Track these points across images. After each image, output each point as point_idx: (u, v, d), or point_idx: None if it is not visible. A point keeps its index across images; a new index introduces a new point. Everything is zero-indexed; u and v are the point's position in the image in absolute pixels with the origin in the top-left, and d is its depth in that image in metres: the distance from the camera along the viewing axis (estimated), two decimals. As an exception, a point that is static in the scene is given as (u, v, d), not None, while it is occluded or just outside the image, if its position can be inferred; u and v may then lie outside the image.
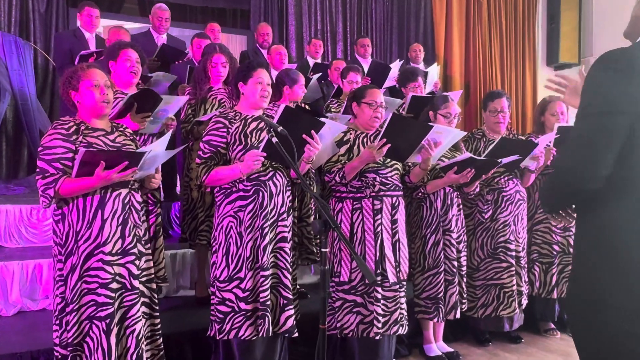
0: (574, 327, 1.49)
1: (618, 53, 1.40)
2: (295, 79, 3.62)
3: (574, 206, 1.58)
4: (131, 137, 2.47)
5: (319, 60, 5.79)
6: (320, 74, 4.73)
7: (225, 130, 2.61)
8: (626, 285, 1.33)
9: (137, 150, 2.23)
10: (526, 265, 3.59)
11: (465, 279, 3.32)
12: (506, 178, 3.48)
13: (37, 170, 2.22)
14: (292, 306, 2.63)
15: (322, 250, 1.74)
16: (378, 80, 4.82)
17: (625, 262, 1.34)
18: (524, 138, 3.60)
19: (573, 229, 3.53)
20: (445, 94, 3.92)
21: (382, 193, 2.85)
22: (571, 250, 3.63)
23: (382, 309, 2.82)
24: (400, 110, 4.16)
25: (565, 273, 3.64)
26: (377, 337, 2.79)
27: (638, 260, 1.33)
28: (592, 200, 1.41)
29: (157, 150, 2.29)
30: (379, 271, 2.80)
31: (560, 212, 1.63)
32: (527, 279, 3.58)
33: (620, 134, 1.35)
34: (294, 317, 2.64)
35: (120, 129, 2.46)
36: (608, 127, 1.35)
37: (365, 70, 5.17)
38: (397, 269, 2.87)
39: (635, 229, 1.35)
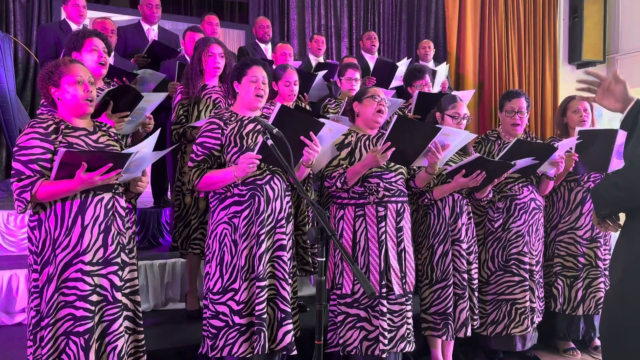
0: (608, 343, 1.46)
1: None
2: (279, 74, 3.60)
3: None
4: (115, 138, 2.47)
5: (321, 59, 5.78)
6: (326, 70, 4.70)
7: (220, 131, 2.60)
8: None
9: (123, 152, 2.22)
10: (541, 280, 3.56)
11: (476, 294, 3.29)
12: (520, 185, 3.44)
13: (13, 172, 2.20)
14: (290, 320, 2.61)
15: (319, 259, 1.73)
16: (384, 80, 4.81)
17: None
18: (542, 141, 3.57)
19: (601, 240, 3.55)
20: (454, 93, 3.89)
21: (386, 199, 2.83)
22: (599, 263, 3.60)
23: (388, 324, 2.80)
24: (407, 112, 4.14)
25: (593, 288, 3.60)
26: (384, 355, 2.77)
27: None
28: None
29: (145, 152, 2.28)
30: (383, 283, 2.79)
31: (616, 219, 1.61)
32: (541, 295, 3.55)
33: None
34: (292, 332, 2.62)
35: (104, 128, 2.46)
36: None
37: (371, 67, 5.16)
38: (403, 280, 2.85)
39: None
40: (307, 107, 4.06)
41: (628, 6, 7.88)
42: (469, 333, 3.20)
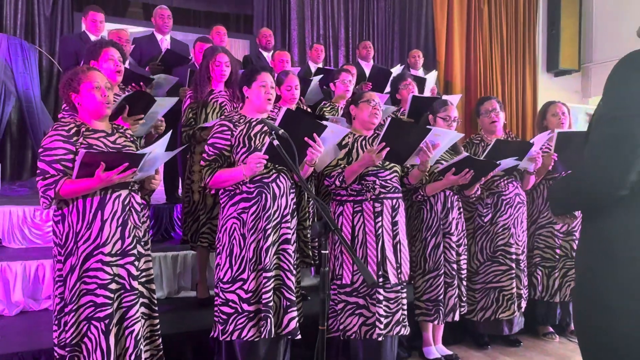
0: (579, 330, 1.45)
1: None
2: (281, 80, 3.58)
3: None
4: (132, 139, 2.45)
5: (320, 65, 5.76)
6: (321, 75, 4.68)
7: (230, 133, 2.59)
8: (631, 289, 1.30)
9: (138, 152, 2.21)
10: (526, 269, 3.55)
11: (465, 282, 3.28)
12: (506, 181, 3.44)
13: (38, 171, 2.19)
14: (295, 308, 2.60)
15: (322, 252, 1.72)
16: (379, 85, 4.79)
17: (633, 268, 1.31)
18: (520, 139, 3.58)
19: (576, 233, 3.55)
20: (444, 97, 3.89)
21: (382, 195, 2.82)
22: (574, 254, 3.59)
23: (384, 310, 2.79)
24: (399, 115, 4.13)
25: (568, 277, 3.60)
26: (380, 339, 2.77)
27: None
28: (609, 205, 1.36)
29: (157, 152, 2.27)
30: (380, 273, 2.78)
31: (574, 215, 1.60)
32: (526, 283, 3.55)
33: None
34: (296, 319, 2.61)
35: (121, 130, 2.44)
36: (635, 130, 1.29)
37: (367, 74, 5.15)
38: (399, 271, 2.84)
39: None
40: (308, 109, 4.04)
41: (601, 20, 7.90)
42: (456, 318, 3.20)
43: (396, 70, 5.11)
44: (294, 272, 2.64)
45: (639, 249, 1.32)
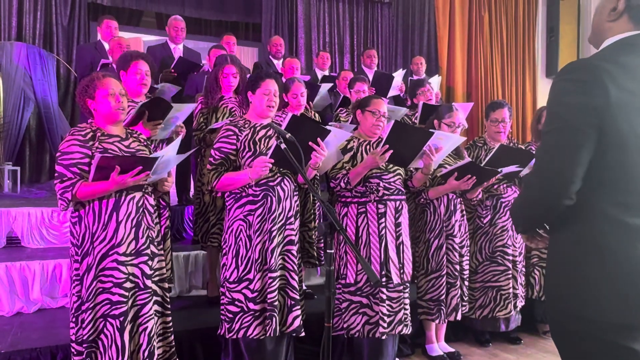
0: (555, 336, 1.44)
1: (579, 64, 1.33)
2: (288, 87, 3.58)
3: (547, 227, 1.50)
4: (145, 143, 2.47)
5: (326, 72, 5.77)
6: (331, 84, 4.71)
7: (235, 137, 2.60)
8: (599, 298, 1.29)
9: (151, 156, 2.23)
10: (523, 269, 3.55)
11: (466, 282, 3.28)
12: (505, 185, 3.45)
13: (56, 174, 2.22)
14: (299, 307, 2.61)
15: (328, 251, 1.73)
16: (382, 90, 4.80)
17: (596, 278, 1.30)
18: (523, 147, 3.55)
19: None
20: (454, 104, 3.88)
21: (385, 197, 2.82)
22: None
23: (387, 310, 2.79)
24: (413, 120, 4.15)
25: None
26: (383, 337, 2.77)
27: (607, 276, 1.28)
28: (562, 215, 1.34)
29: (169, 155, 2.29)
30: (383, 273, 2.78)
31: (537, 232, 1.54)
32: (523, 282, 3.54)
33: (588, 147, 1.27)
34: (300, 317, 2.62)
35: (135, 135, 2.46)
36: (574, 140, 1.28)
37: (370, 79, 5.15)
38: (401, 271, 2.84)
39: (603, 245, 1.29)
40: (316, 114, 4.04)
41: (599, 26, 7.85)
42: (459, 317, 3.19)
43: (398, 74, 5.12)
44: (298, 272, 2.65)
45: (590, 255, 1.31)
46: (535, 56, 7.93)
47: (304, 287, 3.28)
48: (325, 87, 4.47)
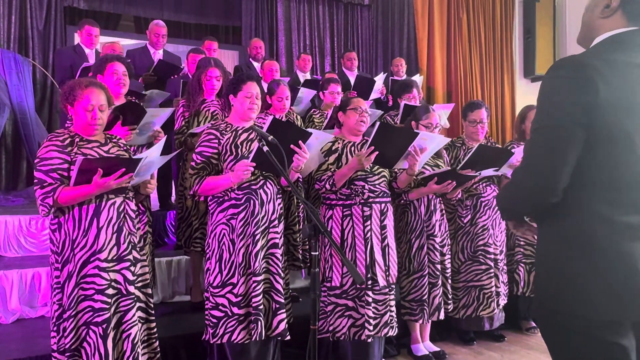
0: (544, 332, 1.46)
1: (569, 61, 1.33)
2: (272, 89, 3.59)
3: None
4: (125, 148, 2.44)
5: (308, 75, 5.77)
6: (315, 92, 4.69)
7: (217, 141, 2.59)
8: (588, 295, 1.30)
9: (134, 157, 2.21)
10: (505, 267, 3.58)
11: (450, 281, 3.30)
12: (484, 184, 3.48)
13: (35, 181, 2.18)
14: (284, 310, 2.60)
15: (313, 253, 1.73)
16: (364, 93, 4.81)
17: (586, 274, 1.31)
18: (500, 146, 3.59)
19: None
20: (436, 107, 3.90)
21: (371, 200, 2.83)
22: None
23: (373, 312, 2.79)
24: (396, 120, 4.16)
25: None
26: (369, 340, 2.77)
27: (596, 272, 1.30)
28: (551, 212, 1.36)
29: (153, 157, 2.27)
30: (369, 275, 2.78)
31: (524, 222, 1.55)
32: (505, 280, 3.57)
33: (576, 145, 1.29)
34: (286, 320, 2.61)
35: (114, 140, 2.43)
36: (562, 138, 1.29)
37: (352, 82, 5.17)
38: (387, 273, 2.84)
39: (592, 242, 1.30)
40: (298, 117, 4.03)
41: (574, 27, 7.94)
42: (442, 316, 3.21)
43: (379, 78, 5.14)
44: (282, 275, 2.64)
45: (579, 252, 1.32)
46: (513, 57, 8.06)
47: (290, 291, 3.27)
48: (309, 95, 4.46)
